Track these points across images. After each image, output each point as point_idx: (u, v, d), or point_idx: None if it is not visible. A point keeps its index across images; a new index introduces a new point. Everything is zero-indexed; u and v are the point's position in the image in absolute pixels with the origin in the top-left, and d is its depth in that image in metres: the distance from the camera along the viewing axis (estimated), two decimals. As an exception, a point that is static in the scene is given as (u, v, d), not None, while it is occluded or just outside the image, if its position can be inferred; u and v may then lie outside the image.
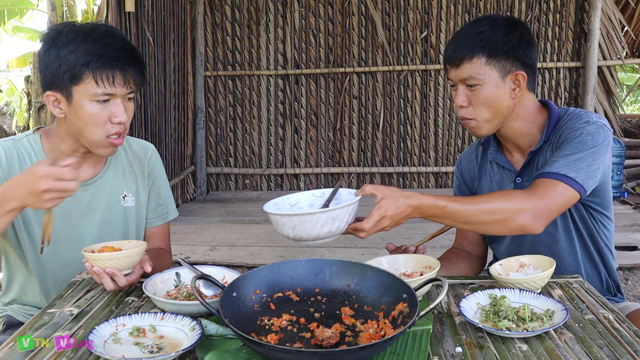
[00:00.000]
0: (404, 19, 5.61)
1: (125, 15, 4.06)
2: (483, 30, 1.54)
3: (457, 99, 1.58)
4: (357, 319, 1.19)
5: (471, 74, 1.53)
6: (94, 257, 1.36)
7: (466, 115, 1.58)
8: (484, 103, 1.55)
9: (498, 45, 1.52)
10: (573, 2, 5.48)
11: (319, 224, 1.29)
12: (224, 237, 4.22)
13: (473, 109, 1.57)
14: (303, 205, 1.46)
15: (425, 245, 1.66)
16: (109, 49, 1.44)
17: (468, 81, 1.54)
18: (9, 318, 1.66)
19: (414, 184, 5.86)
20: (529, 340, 1.15)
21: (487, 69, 1.53)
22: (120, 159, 1.70)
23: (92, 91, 1.44)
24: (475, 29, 1.55)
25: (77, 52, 1.43)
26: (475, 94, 1.55)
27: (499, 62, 1.53)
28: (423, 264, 1.47)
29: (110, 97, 1.47)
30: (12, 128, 8.79)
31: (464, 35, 1.56)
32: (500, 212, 1.40)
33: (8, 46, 9.67)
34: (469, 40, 1.53)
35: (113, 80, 1.45)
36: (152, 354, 1.08)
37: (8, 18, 6.78)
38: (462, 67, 1.54)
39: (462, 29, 1.59)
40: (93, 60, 1.43)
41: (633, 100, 11.53)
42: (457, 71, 1.56)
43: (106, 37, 1.46)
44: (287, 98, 5.78)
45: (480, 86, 1.54)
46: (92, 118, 1.47)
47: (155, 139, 4.67)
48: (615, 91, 5.56)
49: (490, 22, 1.55)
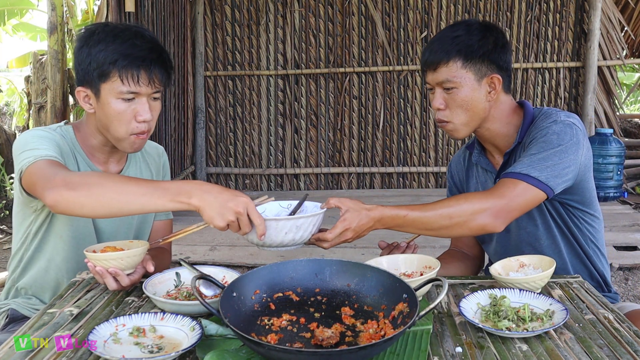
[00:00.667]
0: (404, 19, 5.61)
1: (125, 15, 4.06)
2: (459, 35, 1.56)
3: (434, 102, 1.61)
4: (357, 319, 1.19)
5: (448, 77, 1.56)
6: (97, 257, 1.36)
7: (443, 118, 1.61)
8: (461, 106, 1.57)
9: (473, 49, 1.55)
10: (573, 2, 5.49)
11: (283, 231, 1.32)
12: (224, 237, 4.22)
13: (450, 111, 1.59)
14: (269, 214, 1.48)
15: (422, 245, 1.66)
16: (136, 49, 1.49)
17: (445, 84, 1.57)
18: (12, 311, 1.66)
19: (414, 184, 5.86)
20: (529, 340, 1.15)
21: (463, 72, 1.55)
22: (138, 157, 1.77)
23: (117, 89, 1.49)
24: (451, 33, 1.58)
25: (106, 51, 1.48)
26: (452, 96, 1.57)
27: (474, 66, 1.56)
28: (423, 264, 1.47)
29: (135, 95, 1.51)
30: (12, 128, 8.79)
31: (440, 39, 1.58)
32: (459, 215, 1.42)
33: (8, 46, 9.67)
34: (445, 44, 1.56)
35: (138, 79, 1.49)
36: (152, 354, 1.08)
37: (8, 18, 6.78)
38: (439, 70, 1.56)
39: (439, 34, 1.62)
40: (120, 59, 1.47)
41: (633, 100, 11.53)
42: (434, 74, 1.58)
43: (135, 37, 1.51)
44: (287, 98, 5.78)
45: (457, 89, 1.56)
46: (118, 115, 1.52)
47: (155, 139, 4.66)
48: (615, 91, 5.56)
49: (466, 27, 1.58)
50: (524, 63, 5.56)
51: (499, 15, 5.52)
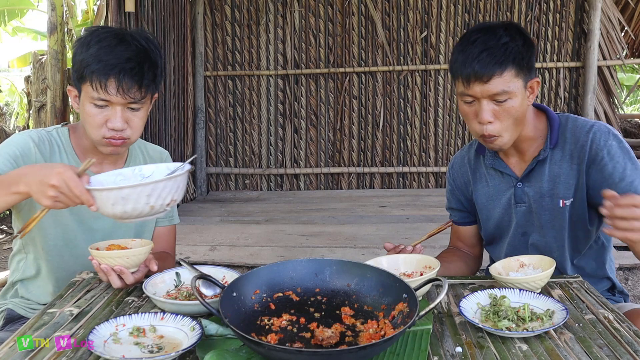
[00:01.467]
0: (404, 19, 5.61)
1: (125, 15, 4.06)
2: (506, 42, 1.47)
3: (483, 115, 1.50)
4: (357, 319, 1.19)
5: (503, 88, 1.47)
6: (102, 255, 1.37)
7: (493, 132, 1.52)
8: (513, 116, 1.50)
9: (523, 55, 1.48)
10: (573, 2, 5.49)
11: (109, 202, 1.18)
12: (224, 237, 4.22)
13: (500, 124, 1.51)
14: (115, 182, 1.33)
15: (423, 245, 1.66)
16: (110, 56, 1.45)
17: (499, 96, 1.48)
18: (9, 312, 1.67)
19: (414, 183, 5.86)
20: (529, 340, 1.15)
21: (515, 81, 1.48)
22: (139, 160, 1.74)
23: (90, 93, 1.48)
24: (496, 40, 1.48)
25: (85, 54, 1.47)
26: (505, 108, 1.49)
27: (523, 73, 1.49)
28: (423, 264, 1.47)
29: (107, 103, 1.49)
30: (10, 127, 8.78)
31: (487, 49, 1.47)
32: None
33: (8, 46, 9.67)
34: (496, 54, 1.46)
35: (106, 87, 1.45)
36: (152, 353, 1.08)
37: (8, 18, 6.78)
38: (492, 82, 1.46)
39: (479, 44, 1.49)
40: (92, 64, 1.45)
41: (633, 100, 11.53)
42: (484, 86, 1.47)
43: (118, 44, 1.47)
44: (287, 98, 5.78)
45: (511, 99, 1.48)
46: (89, 118, 1.51)
47: (155, 139, 4.67)
48: (615, 91, 5.56)
49: (505, 31, 1.50)
50: (524, 63, 5.56)
51: (499, 15, 5.52)
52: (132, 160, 1.73)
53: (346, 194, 5.71)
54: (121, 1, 3.98)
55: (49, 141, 1.60)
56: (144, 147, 1.79)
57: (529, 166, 1.62)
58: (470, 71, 1.48)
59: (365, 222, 4.57)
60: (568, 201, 1.60)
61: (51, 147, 1.60)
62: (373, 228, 4.34)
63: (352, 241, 4.02)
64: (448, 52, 5.58)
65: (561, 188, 1.60)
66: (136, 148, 1.76)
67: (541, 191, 1.62)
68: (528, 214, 1.66)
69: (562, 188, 1.60)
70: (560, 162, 1.59)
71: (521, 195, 1.65)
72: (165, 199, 1.21)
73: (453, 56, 1.55)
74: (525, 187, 1.64)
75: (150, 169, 1.38)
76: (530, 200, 1.64)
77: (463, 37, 1.55)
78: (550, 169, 1.61)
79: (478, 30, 1.53)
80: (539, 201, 1.63)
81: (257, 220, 4.73)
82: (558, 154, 1.60)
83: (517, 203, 1.66)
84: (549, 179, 1.61)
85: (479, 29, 1.53)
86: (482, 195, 1.74)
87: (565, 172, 1.59)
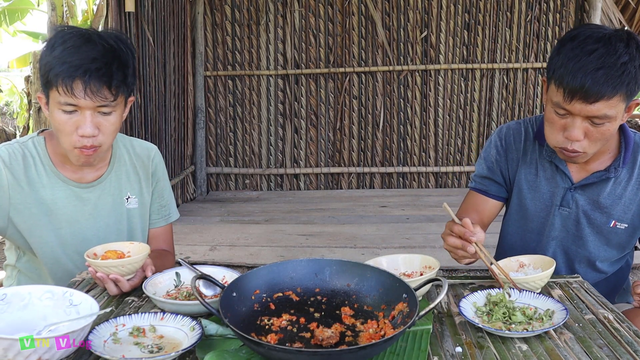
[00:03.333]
0: (404, 19, 5.60)
1: (125, 15, 4.06)
2: (625, 62, 1.32)
3: (574, 133, 1.39)
4: (357, 319, 1.19)
5: (606, 112, 1.34)
6: (98, 264, 1.37)
7: (578, 149, 1.42)
8: (604, 137, 1.41)
9: (638, 79, 1.34)
10: (573, 2, 5.48)
11: None
12: (224, 237, 4.22)
13: (588, 143, 1.41)
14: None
15: (423, 245, 1.67)
16: (74, 57, 1.37)
17: (598, 119, 1.36)
18: None
19: (414, 183, 5.86)
20: (529, 340, 1.15)
21: (621, 106, 1.36)
22: (124, 160, 1.69)
23: (57, 99, 1.41)
24: (616, 58, 1.32)
25: (50, 57, 1.40)
26: (599, 129, 1.38)
27: (630, 95, 1.36)
28: (423, 264, 1.47)
29: (75, 107, 1.42)
30: (9, 127, 8.79)
31: (604, 67, 1.32)
32: None
33: (8, 46, 9.67)
34: (613, 77, 1.31)
35: (72, 90, 1.38)
36: (152, 353, 1.08)
37: (9, 19, 6.78)
38: (597, 104, 1.33)
39: (596, 54, 1.33)
40: (56, 67, 1.38)
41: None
42: (586, 107, 1.34)
43: (84, 43, 1.39)
44: (287, 98, 5.78)
45: (609, 123, 1.38)
46: (59, 126, 1.45)
47: (155, 139, 4.67)
48: (615, 91, 5.55)
49: (626, 47, 1.33)
50: (524, 63, 5.56)
51: (499, 15, 5.52)
52: (117, 160, 1.67)
53: (346, 194, 5.70)
54: (121, 1, 3.98)
55: (22, 155, 1.56)
56: (129, 145, 1.72)
57: (592, 178, 1.56)
58: (578, 87, 1.33)
59: (365, 222, 4.57)
60: (622, 225, 1.56)
61: (25, 160, 1.56)
62: (373, 228, 4.34)
63: (352, 241, 4.02)
64: (448, 52, 5.59)
65: (619, 210, 1.55)
66: (121, 147, 1.70)
67: (594, 205, 1.57)
68: (567, 220, 1.61)
69: (620, 210, 1.55)
70: (627, 183, 1.54)
71: (569, 201, 1.59)
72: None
73: (560, 58, 1.38)
74: (577, 194, 1.59)
75: (80, 299, 1.20)
76: (579, 210, 1.59)
77: (576, 40, 1.37)
78: (613, 188, 1.55)
79: (596, 39, 1.36)
80: (588, 213, 1.59)
81: (257, 220, 4.73)
82: (625, 175, 1.55)
83: (562, 206, 1.60)
84: (609, 196, 1.55)
85: (597, 39, 1.36)
86: (526, 181, 1.65)
87: (629, 195, 1.54)
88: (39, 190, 1.57)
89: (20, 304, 1.18)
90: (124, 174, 1.69)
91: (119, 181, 1.67)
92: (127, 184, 1.69)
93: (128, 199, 1.69)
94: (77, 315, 1.16)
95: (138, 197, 1.71)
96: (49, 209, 1.58)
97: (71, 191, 1.60)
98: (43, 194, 1.57)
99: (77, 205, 1.61)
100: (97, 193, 1.64)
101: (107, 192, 1.65)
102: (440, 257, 1.54)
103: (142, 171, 1.72)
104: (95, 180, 1.63)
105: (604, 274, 1.65)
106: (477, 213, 1.70)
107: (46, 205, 1.58)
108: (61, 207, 1.59)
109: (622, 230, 1.57)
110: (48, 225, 1.59)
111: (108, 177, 1.65)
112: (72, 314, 1.17)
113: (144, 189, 1.72)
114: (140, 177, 1.71)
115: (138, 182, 1.71)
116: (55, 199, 1.58)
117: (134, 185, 1.70)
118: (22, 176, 1.55)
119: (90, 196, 1.62)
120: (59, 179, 1.59)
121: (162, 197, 1.78)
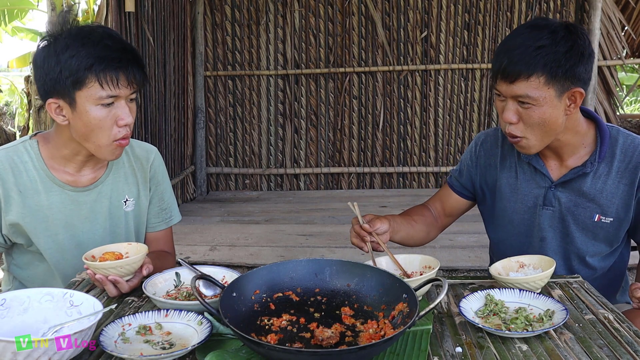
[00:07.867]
0: (404, 19, 5.60)
1: (125, 15, 4.06)
2: (543, 45, 1.37)
3: (505, 115, 1.45)
4: (357, 319, 1.19)
5: (527, 92, 1.40)
6: (96, 266, 1.37)
7: (515, 133, 1.47)
8: (537, 123, 1.44)
9: (560, 63, 1.37)
10: (573, 2, 5.48)
11: None
12: (224, 237, 4.22)
13: (524, 127, 1.46)
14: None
15: (423, 244, 1.68)
16: (110, 51, 1.42)
17: (522, 99, 1.41)
18: None
19: (414, 183, 5.86)
20: (529, 340, 1.15)
21: (545, 90, 1.39)
22: (122, 162, 1.68)
23: (96, 94, 1.42)
24: (534, 41, 1.38)
25: (78, 57, 1.40)
26: (528, 112, 1.42)
27: (558, 82, 1.39)
28: (423, 264, 1.47)
29: (114, 99, 1.45)
30: (9, 127, 8.79)
31: (521, 47, 1.39)
32: None
33: (8, 46, 9.67)
34: (527, 55, 1.37)
35: (117, 81, 1.42)
36: (164, 350, 1.09)
37: (9, 18, 6.78)
38: (517, 84, 1.40)
39: (519, 39, 1.41)
40: (96, 63, 1.40)
41: (633, 100, 11.53)
42: (509, 87, 1.42)
43: (105, 39, 1.44)
44: (287, 98, 5.78)
45: (536, 107, 1.41)
46: (99, 122, 1.45)
47: (155, 139, 4.66)
48: (615, 91, 5.56)
49: (551, 34, 1.39)
50: (524, 63, 5.56)
51: (499, 15, 5.52)
52: (115, 162, 1.66)
53: (346, 194, 5.70)
54: (121, 1, 3.98)
55: (10, 163, 1.54)
56: (129, 147, 1.70)
57: (570, 174, 1.57)
58: (498, 66, 1.43)
59: (365, 222, 4.56)
60: (607, 219, 1.56)
61: (15, 167, 1.54)
62: (373, 228, 4.33)
63: (352, 241, 4.02)
64: (448, 52, 5.59)
65: (601, 204, 1.56)
66: None
67: (576, 201, 1.58)
68: (553, 219, 1.62)
69: (603, 204, 1.56)
70: (606, 177, 1.55)
71: (551, 199, 1.61)
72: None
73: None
74: (558, 192, 1.60)
75: (81, 299, 1.20)
76: (562, 207, 1.60)
77: (516, 27, 1.48)
78: (593, 182, 1.56)
79: (530, 26, 1.43)
80: (572, 210, 1.59)
81: (257, 220, 4.73)
82: (604, 169, 1.55)
83: (545, 205, 1.62)
84: (589, 191, 1.56)
85: (531, 25, 1.44)
86: (507, 185, 1.68)
87: (610, 189, 1.55)
88: (32, 197, 1.55)
89: (20, 308, 1.18)
90: (122, 177, 1.67)
91: (117, 184, 1.66)
92: (125, 187, 1.68)
93: (126, 202, 1.68)
94: (79, 315, 1.16)
95: (135, 200, 1.70)
96: (44, 215, 1.57)
97: (67, 195, 1.59)
98: (38, 200, 1.56)
99: (74, 209, 1.60)
100: (94, 196, 1.62)
101: (104, 195, 1.64)
102: (440, 257, 1.54)
103: (141, 174, 1.71)
104: (91, 183, 1.62)
105: (596, 270, 1.65)
106: (441, 203, 1.86)
107: (42, 212, 1.56)
108: (57, 212, 1.58)
109: (608, 224, 1.57)
110: (45, 232, 1.58)
111: (106, 180, 1.64)
112: (74, 314, 1.17)
113: (142, 192, 1.71)
114: (139, 179, 1.70)
115: (136, 184, 1.70)
116: (51, 204, 1.57)
117: (132, 187, 1.69)
118: (12, 185, 1.53)
119: (86, 199, 1.61)
120: (54, 183, 1.57)
121: (163, 201, 1.77)
